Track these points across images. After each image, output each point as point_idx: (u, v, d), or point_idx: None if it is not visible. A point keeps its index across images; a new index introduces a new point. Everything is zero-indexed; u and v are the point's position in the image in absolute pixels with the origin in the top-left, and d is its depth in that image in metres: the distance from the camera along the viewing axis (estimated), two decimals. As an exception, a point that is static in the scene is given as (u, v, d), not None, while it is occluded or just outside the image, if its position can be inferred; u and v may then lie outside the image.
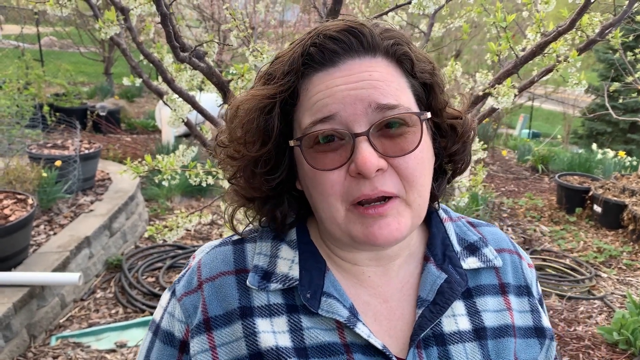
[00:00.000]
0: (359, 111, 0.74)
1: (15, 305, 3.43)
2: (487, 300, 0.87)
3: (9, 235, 3.68)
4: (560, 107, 11.61)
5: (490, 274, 0.90)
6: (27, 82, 7.57)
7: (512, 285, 0.91)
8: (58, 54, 15.27)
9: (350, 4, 3.36)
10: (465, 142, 0.88)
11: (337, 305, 0.79)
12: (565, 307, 4.34)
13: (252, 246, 0.88)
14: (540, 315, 0.92)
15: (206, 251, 0.90)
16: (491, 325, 0.85)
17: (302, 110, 0.79)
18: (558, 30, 1.80)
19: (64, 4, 2.26)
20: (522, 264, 0.95)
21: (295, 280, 0.82)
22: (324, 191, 0.77)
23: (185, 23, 11.10)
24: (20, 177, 4.53)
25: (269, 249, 0.87)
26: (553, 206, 6.74)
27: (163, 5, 1.25)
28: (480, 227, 0.97)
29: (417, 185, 0.77)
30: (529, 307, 0.91)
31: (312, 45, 0.76)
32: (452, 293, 0.83)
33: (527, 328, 0.89)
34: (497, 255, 0.91)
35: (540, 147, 8.82)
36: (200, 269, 0.86)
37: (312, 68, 0.77)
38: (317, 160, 0.76)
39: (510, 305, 0.89)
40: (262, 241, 0.88)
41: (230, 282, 0.83)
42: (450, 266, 0.86)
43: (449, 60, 8.89)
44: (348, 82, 0.75)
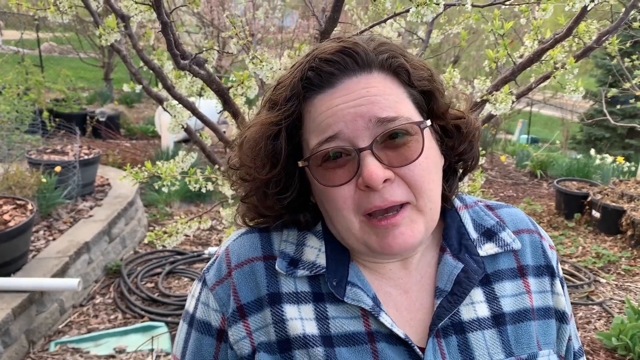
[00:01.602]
0: (360, 127, 0.77)
1: (14, 311, 3.43)
2: (505, 285, 0.88)
3: (8, 241, 3.68)
4: (559, 113, 11.65)
5: (508, 258, 0.91)
6: (26, 88, 7.59)
7: (531, 266, 0.92)
8: (58, 59, 15.30)
9: (349, 11, 3.38)
10: (471, 141, 0.90)
11: (361, 294, 0.83)
12: (564, 313, 4.34)
13: (279, 234, 0.91)
14: (559, 297, 0.92)
15: (233, 238, 0.92)
16: (510, 311, 0.86)
17: (308, 132, 0.82)
18: (555, 37, 1.82)
19: (64, 10, 2.28)
20: (542, 243, 0.95)
21: (322, 268, 0.85)
22: (336, 205, 0.80)
23: (185, 29, 11.14)
24: (19, 183, 4.54)
25: (296, 238, 0.90)
26: (552, 211, 6.75)
27: (164, 14, 1.26)
28: (499, 209, 0.98)
29: (425, 190, 0.80)
30: (550, 287, 0.92)
31: (310, 69, 0.80)
32: (469, 282, 0.85)
33: (547, 308, 0.90)
34: (515, 238, 0.92)
35: (538, 153, 8.85)
36: (228, 256, 0.89)
37: (312, 91, 0.81)
38: (327, 177, 0.80)
39: (530, 287, 0.90)
40: (288, 230, 0.91)
41: (258, 268, 0.86)
42: (466, 255, 0.88)
43: (447, 66, 8.92)
44: (347, 100, 0.78)
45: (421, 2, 1.30)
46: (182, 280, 4.64)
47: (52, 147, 6.09)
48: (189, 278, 4.64)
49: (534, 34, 2.09)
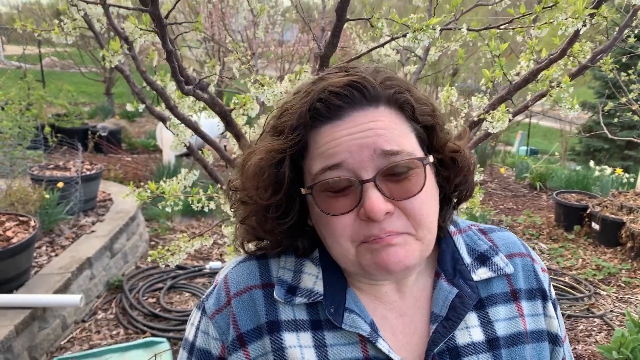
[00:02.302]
0: (365, 157, 0.79)
1: (16, 328, 3.44)
2: (499, 309, 0.90)
3: (11, 258, 3.70)
4: (558, 124, 11.70)
5: (501, 282, 0.93)
6: (29, 103, 7.64)
7: (524, 289, 0.94)
8: (59, 74, 15.40)
9: (349, 29, 3.43)
10: (466, 174, 0.93)
11: (359, 321, 0.84)
12: (565, 326, 4.35)
13: (276, 261, 0.92)
14: (552, 320, 0.94)
15: (231, 266, 0.94)
16: (504, 335, 0.88)
17: (311, 159, 0.84)
18: (550, 58, 1.86)
19: (69, 32, 2.33)
20: (534, 266, 0.97)
21: (320, 295, 0.86)
22: (334, 233, 0.82)
23: (186, 44, 11.23)
24: (22, 199, 4.57)
25: (293, 264, 0.91)
26: (551, 224, 6.77)
27: (169, 43, 1.30)
28: (492, 233, 1.00)
29: (425, 223, 0.83)
30: (542, 310, 0.94)
31: (319, 100, 0.82)
32: (464, 307, 0.87)
33: (540, 331, 0.92)
34: (507, 262, 0.94)
35: (538, 165, 8.88)
36: (227, 284, 0.90)
37: (319, 121, 0.83)
38: (329, 205, 0.81)
39: (523, 311, 0.92)
40: (286, 256, 0.92)
41: (257, 296, 0.88)
42: (461, 280, 0.90)
43: (446, 79, 8.90)
44: (353, 132, 0.80)
45: (418, 27, 1.33)
46: (184, 295, 4.65)
47: (54, 162, 6.12)
48: (191, 293, 4.66)
49: (529, 53, 2.13)
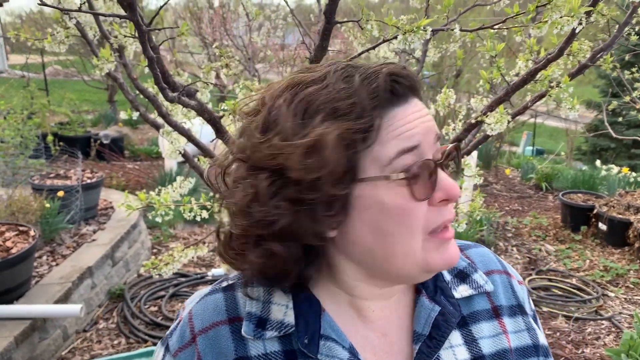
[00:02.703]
0: (432, 141, 0.77)
1: (16, 339, 3.41)
2: (482, 326, 0.87)
3: (10, 268, 3.68)
4: (563, 124, 11.62)
5: (482, 299, 0.90)
6: (31, 112, 7.66)
7: (505, 306, 0.91)
8: (62, 82, 15.46)
9: (346, 31, 3.39)
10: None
11: (335, 348, 0.79)
12: (573, 329, 4.28)
13: (244, 292, 0.86)
14: (536, 333, 0.92)
15: (196, 300, 0.87)
16: (489, 352, 0.85)
17: (379, 143, 0.74)
18: (547, 58, 1.81)
19: (62, 40, 2.30)
20: (512, 282, 0.95)
21: (291, 327, 0.80)
22: (411, 225, 0.75)
23: (188, 50, 11.24)
24: (23, 208, 4.56)
25: (262, 295, 0.84)
26: (558, 225, 6.70)
27: (149, 50, 1.27)
28: (468, 250, 0.97)
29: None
30: (525, 326, 0.91)
31: (393, 81, 0.75)
32: (447, 325, 0.84)
33: (526, 347, 0.89)
34: (487, 280, 0.91)
35: (543, 165, 8.80)
36: (192, 320, 0.84)
37: (391, 103, 0.75)
38: (409, 191, 0.74)
39: (506, 327, 0.89)
40: (253, 286, 0.85)
41: (224, 333, 0.82)
42: (442, 297, 0.87)
43: (449, 80, 8.86)
44: (422, 115, 0.77)
45: (408, 29, 1.29)
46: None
47: (55, 171, 6.12)
48: (193, 301, 4.62)
49: (528, 53, 2.08)
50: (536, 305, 4.69)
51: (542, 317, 4.44)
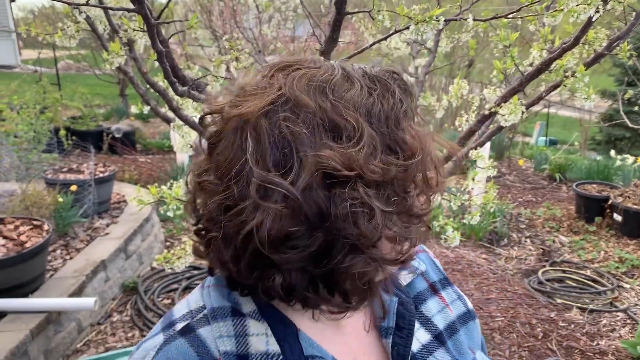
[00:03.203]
0: None
1: (32, 332, 3.45)
2: (429, 305, 0.90)
3: (25, 262, 3.71)
4: (577, 114, 11.48)
5: (420, 280, 0.93)
6: (44, 107, 7.70)
7: (437, 281, 0.95)
8: (74, 76, 15.54)
9: (356, 22, 3.36)
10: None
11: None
12: (587, 321, 4.24)
13: (209, 330, 0.74)
14: (464, 299, 0.96)
15: (152, 355, 0.73)
16: (443, 327, 0.88)
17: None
18: (562, 47, 1.78)
19: (72, 35, 2.30)
20: (432, 258, 0.99)
21: (277, 356, 0.72)
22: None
23: (199, 43, 11.23)
24: (37, 203, 4.59)
25: (232, 329, 0.73)
26: (572, 216, 6.63)
27: (158, 43, 1.26)
28: None
29: None
30: (455, 295, 0.95)
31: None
32: (410, 313, 0.84)
33: (463, 314, 0.93)
34: (419, 261, 0.94)
35: (557, 156, 8.70)
36: None
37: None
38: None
39: (445, 300, 0.92)
40: (218, 321, 0.74)
41: None
42: (394, 287, 0.86)
43: (461, 71, 8.74)
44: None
45: (420, 19, 1.27)
46: (199, 295, 4.64)
47: (68, 166, 6.15)
48: (206, 293, 4.64)
49: (542, 42, 2.05)
50: (550, 297, 4.65)
51: (556, 308, 4.41)
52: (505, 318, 4.19)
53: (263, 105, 0.65)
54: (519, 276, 5.09)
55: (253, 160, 0.63)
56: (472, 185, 2.24)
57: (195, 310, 0.77)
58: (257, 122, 0.64)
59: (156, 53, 1.31)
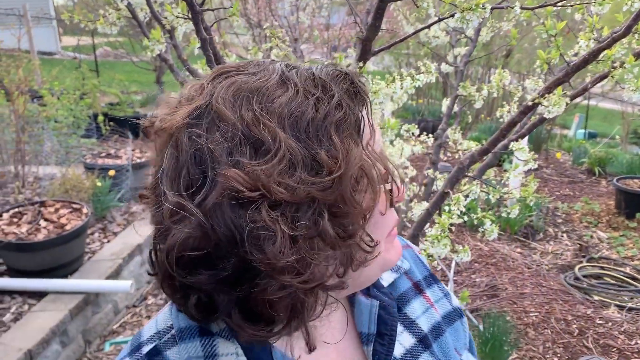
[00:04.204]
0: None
1: (71, 312, 3.55)
2: (413, 306, 0.85)
3: (65, 244, 3.82)
4: (619, 106, 11.12)
5: (402, 279, 0.88)
6: (83, 93, 7.86)
7: (421, 279, 0.90)
8: (112, 63, 15.82)
9: (395, 10, 3.33)
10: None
11: None
12: (626, 319, 4.14)
13: (175, 351, 0.71)
14: (450, 296, 0.92)
15: None
16: (428, 329, 0.84)
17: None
18: (612, 36, 1.71)
19: (113, 22, 2.33)
20: (417, 254, 0.94)
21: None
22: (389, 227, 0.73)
23: (234, 31, 11.27)
24: (76, 187, 4.71)
25: (201, 349, 0.70)
26: (611, 211, 6.46)
27: (202, 31, 1.26)
28: None
29: None
30: (441, 293, 0.91)
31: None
32: (392, 317, 0.80)
33: (449, 313, 0.89)
34: (402, 259, 0.89)
35: (596, 149, 8.47)
36: None
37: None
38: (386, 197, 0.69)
39: (430, 300, 0.88)
40: (186, 342, 0.71)
41: None
42: (375, 289, 0.82)
43: (499, 61, 8.53)
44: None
45: (466, 7, 1.24)
46: (231, 281, 4.70)
47: (106, 151, 6.28)
48: (238, 279, 4.70)
49: (589, 31, 1.98)
50: (586, 293, 4.55)
51: (593, 305, 4.31)
52: (540, 313, 4.12)
53: (183, 117, 0.61)
54: (554, 271, 4.99)
55: (167, 182, 0.60)
56: (511, 177, 2.20)
57: (163, 331, 0.74)
58: (178, 137, 0.61)
59: (200, 40, 1.31)
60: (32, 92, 6.14)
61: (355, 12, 2.46)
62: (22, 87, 5.06)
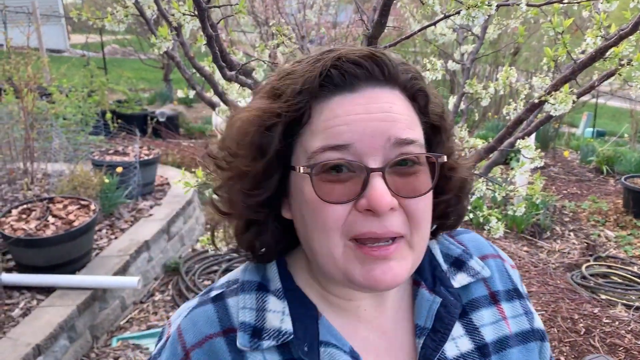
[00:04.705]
0: (377, 145, 0.69)
1: (79, 308, 3.58)
2: (482, 313, 0.84)
3: (73, 240, 3.85)
4: (628, 104, 11.05)
5: (479, 286, 0.87)
6: (91, 90, 7.90)
7: (502, 291, 0.88)
8: (120, 61, 15.88)
9: (402, 8, 3.32)
10: (458, 195, 0.82)
11: (337, 353, 0.75)
12: (633, 318, 4.12)
13: (235, 300, 0.80)
14: (533, 316, 0.89)
15: (184, 315, 0.81)
16: (492, 340, 0.83)
17: (310, 133, 0.72)
18: (619, 34, 1.71)
19: (121, 19, 2.34)
20: (505, 266, 0.92)
21: (289, 335, 0.75)
22: (325, 224, 0.71)
23: (241, 28, 11.28)
24: (84, 183, 4.74)
25: (255, 302, 0.78)
26: (619, 210, 6.42)
27: (208, 28, 1.27)
28: (459, 235, 0.94)
29: (422, 227, 0.74)
30: (522, 310, 0.89)
31: (333, 67, 0.71)
32: (451, 317, 0.80)
33: (525, 332, 0.87)
34: (483, 265, 0.88)
35: (604, 148, 8.42)
36: (182, 335, 0.78)
37: (329, 90, 0.72)
38: (323, 190, 0.70)
39: (505, 313, 0.86)
40: (245, 293, 0.80)
41: (219, 346, 0.76)
42: (442, 288, 0.83)
43: (506, 58, 8.50)
44: (369, 111, 0.70)
45: (472, 4, 1.24)
46: (238, 278, 4.72)
47: (114, 148, 6.32)
48: (244, 276, 4.72)
49: (596, 28, 1.97)
50: (593, 292, 4.54)
51: (600, 304, 4.29)
52: (546, 312, 4.11)
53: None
54: (561, 270, 4.98)
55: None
56: (518, 175, 2.20)
57: (232, 282, 0.84)
58: None
59: (206, 37, 1.32)
60: (41, 89, 6.17)
61: (362, 10, 2.46)
62: (31, 84, 5.10)
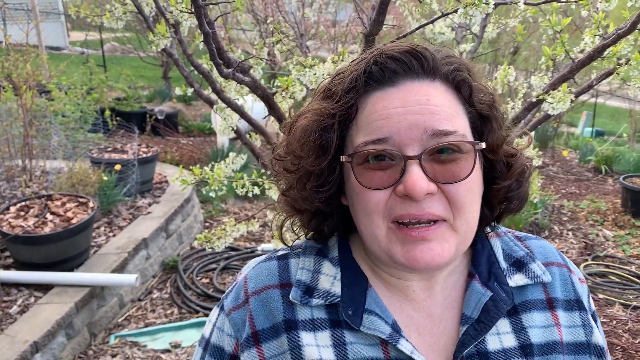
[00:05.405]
0: (413, 136, 0.75)
1: (77, 305, 3.58)
2: (534, 315, 0.85)
3: (71, 237, 3.84)
4: (626, 104, 11.05)
5: (537, 289, 0.88)
6: (90, 88, 7.89)
7: (561, 299, 0.88)
8: (120, 59, 15.86)
9: (401, 6, 3.32)
10: (519, 180, 0.86)
11: (378, 322, 0.80)
12: (630, 317, 4.12)
13: (296, 261, 0.90)
14: (592, 331, 0.88)
15: (252, 266, 0.93)
16: (538, 342, 0.83)
17: (356, 128, 0.80)
18: (617, 33, 1.71)
19: (119, 17, 2.34)
20: (572, 277, 0.92)
21: (336, 297, 0.83)
22: (367, 207, 0.78)
23: (240, 26, 11.28)
24: (83, 181, 4.73)
25: (312, 265, 0.88)
26: (617, 209, 6.43)
27: (205, 25, 1.27)
28: (528, 240, 0.95)
29: (465, 211, 0.77)
30: (580, 322, 0.88)
31: (374, 63, 0.78)
32: (497, 311, 0.82)
33: (579, 343, 0.86)
34: (545, 270, 0.88)
35: (603, 147, 8.43)
36: (246, 283, 0.89)
37: (371, 86, 0.79)
38: (365, 177, 0.77)
39: (559, 320, 0.86)
40: (305, 256, 0.90)
41: (275, 296, 0.86)
42: (495, 284, 0.85)
43: (506, 57, 8.51)
44: (405, 104, 0.75)
45: (469, 2, 1.24)
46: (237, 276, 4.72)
47: (113, 145, 6.31)
48: (243, 274, 4.72)
49: (595, 28, 1.97)
50: (592, 291, 4.54)
51: (597, 304, 4.30)
52: (544, 311, 4.11)
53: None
54: (559, 269, 4.98)
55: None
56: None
57: (298, 246, 0.94)
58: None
59: (203, 34, 1.32)
60: (40, 86, 6.17)
61: (361, 8, 2.46)
62: (30, 81, 5.10)
